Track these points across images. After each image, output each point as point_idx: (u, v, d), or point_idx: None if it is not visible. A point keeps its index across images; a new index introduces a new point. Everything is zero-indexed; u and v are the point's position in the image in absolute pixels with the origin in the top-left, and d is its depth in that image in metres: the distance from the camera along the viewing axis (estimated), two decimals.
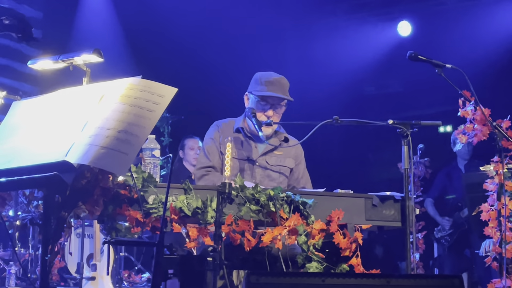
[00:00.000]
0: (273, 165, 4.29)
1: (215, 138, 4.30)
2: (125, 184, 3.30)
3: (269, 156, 4.30)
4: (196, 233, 3.49)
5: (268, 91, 4.23)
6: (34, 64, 4.08)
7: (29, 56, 7.65)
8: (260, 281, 2.75)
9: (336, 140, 8.99)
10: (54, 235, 3.00)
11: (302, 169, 4.42)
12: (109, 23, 9.01)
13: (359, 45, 9.37)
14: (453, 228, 7.48)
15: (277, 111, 4.27)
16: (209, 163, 4.24)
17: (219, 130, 4.32)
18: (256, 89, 4.28)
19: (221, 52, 8.93)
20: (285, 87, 4.29)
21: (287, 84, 4.32)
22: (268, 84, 4.25)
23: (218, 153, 4.25)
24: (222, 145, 4.23)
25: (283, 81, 4.31)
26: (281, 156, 4.33)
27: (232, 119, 4.41)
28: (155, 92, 3.00)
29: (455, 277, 2.86)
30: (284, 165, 4.32)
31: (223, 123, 4.38)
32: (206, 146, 4.30)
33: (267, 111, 4.24)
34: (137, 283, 7.53)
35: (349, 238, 3.64)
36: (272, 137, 4.35)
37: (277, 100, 4.25)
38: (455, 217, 7.47)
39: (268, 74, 4.34)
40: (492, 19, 8.59)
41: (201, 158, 4.30)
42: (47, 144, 2.96)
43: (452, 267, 7.42)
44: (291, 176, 4.36)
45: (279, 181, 4.27)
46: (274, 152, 4.31)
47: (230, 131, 4.30)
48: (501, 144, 4.16)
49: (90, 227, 6.67)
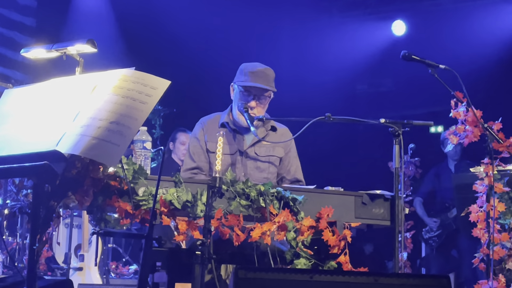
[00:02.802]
0: (262, 155, 4.27)
1: (199, 137, 4.28)
2: (116, 176, 3.30)
3: (258, 147, 4.28)
4: (185, 226, 3.49)
5: (252, 82, 4.21)
6: (27, 52, 4.07)
7: (22, 44, 7.63)
8: (248, 276, 2.75)
9: (328, 138, 8.99)
10: (43, 224, 2.99)
11: (292, 157, 4.38)
12: (103, 14, 8.98)
13: (353, 43, 9.37)
14: (441, 229, 7.49)
15: (261, 102, 4.24)
16: (194, 164, 4.23)
17: (203, 128, 4.30)
18: (240, 80, 4.26)
19: (214, 47, 8.92)
20: (269, 78, 4.25)
21: (273, 74, 4.28)
22: (252, 75, 4.23)
23: (203, 153, 4.24)
24: (208, 142, 4.23)
25: (267, 72, 4.27)
26: (270, 146, 4.30)
27: (218, 113, 4.38)
28: (148, 84, 2.99)
29: (442, 277, 2.87)
30: (273, 155, 4.30)
31: (208, 120, 4.36)
32: (191, 146, 4.29)
33: (250, 102, 4.21)
34: (125, 275, 7.52)
35: (338, 235, 3.65)
36: (259, 127, 4.31)
37: (260, 91, 4.22)
38: (442, 217, 7.49)
39: (253, 64, 4.31)
40: (486, 21, 8.60)
41: (187, 159, 4.29)
42: (38, 133, 2.95)
43: (439, 267, 7.44)
44: (281, 165, 4.34)
45: (269, 172, 4.25)
46: (262, 142, 4.29)
47: (215, 127, 4.28)
48: (491, 146, 4.17)
49: (79, 218, 6.65)
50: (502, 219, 4.24)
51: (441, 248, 7.52)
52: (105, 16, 8.97)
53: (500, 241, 4.15)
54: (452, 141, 4.35)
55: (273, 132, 4.34)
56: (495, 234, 4.12)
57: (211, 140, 4.21)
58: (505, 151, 4.18)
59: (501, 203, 4.19)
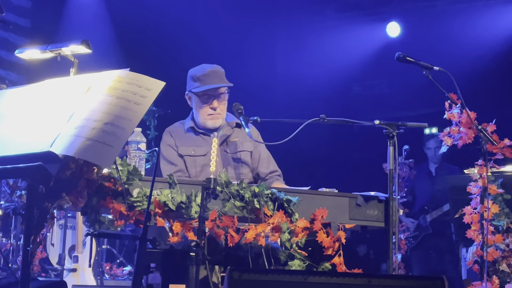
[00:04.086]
0: (232, 152, 4.32)
1: (171, 143, 4.34)
2: (110, 177, 3.30)
3: (226, 145, 4.34)
4: (180, 227, 3.49)
5: (206, 85, 4.27)
6: (22, 53, 4.07)
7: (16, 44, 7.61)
8: (242, 278, 2.75)
9: (322, 139, 8.99)
10: (37, 225, 2.98)
11: (262, 150, 4.44)
12: (98, 15, 8.96)
13: (348, 44, 9.36)
14: (418, 231, 7.46)
15: (221, 100, 4.31)
16: (176, 168, 4.26)
17: (171, 135, 4.38)
18: (194, 87, 4.32)
19: (209, 48, 8.90)
20: (220, 75, 4.33)
21: (222, 71, 4.36)
22: (203, 78, 4.29)
23: (178, 157, 4.28)
24: (180, 147, 4.30)
25: (216, 69, 4.35)
26: (238, 142, 4.36)
27: (180, 122, 4.47)
28: (142, 85, 2.99)
29: (437, 278, 2.87)
30: (243, 150, 4.36)
31: (173, 128, 4.44)
32: (165, 153, 4.33)
33: (212, 103, 4.27)
34: (119, 276, 7.51)
35: (332, 237, 3.65)
36: (224, 127, 4.38)
37: (217, 90, 4.28)
38: (420, 220, 7.46)
39: (201, 68, 4.39)
40: (481, 23, 8.61)
41: (165, 167, 4.30)
42: (32, 134, 2.94)
43: (419, 269, 7.40)
44: (252, 159, 4.38)
45: (243, 167, 4.31)
46: (230, 139, 4.36)
47: (181, 133, 4.36)
48: (485, 148, 4.18)
49: (73, 219, 6.63)
50: (496, 221, 4.25)
51: (416, 250, 7.48)
52: (100, 17, 8.95)
53: (494, 243, 4.16)
54: (446, 143, 4.35)
55: (238, 129, 4.40)
56: (489, 236, 4.13)
57: (181, 145, 4.30)
58: (499, 153, 4.19)
59: (495, 204, 4.20)
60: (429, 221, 7.37)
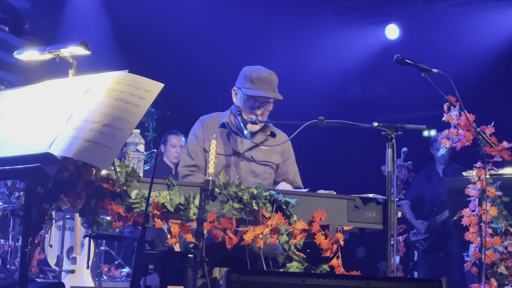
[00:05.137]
0: (259, 160, 4.26)
1: (199, 135, 4.26)
2: (108, 178, 3.29)
3: (255, 151, 4.26)
4: (178, 229, 3.49)
5: (257, 90, 4.18)
6: (20, 54, 4.06)
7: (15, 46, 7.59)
8: (241, 280, 2.75)
9: (321, 141, 9.00)
10: (35, 227, 2.98)
11: (290, 165, 4.37)
12: (97, 16, 8.97)
13: (346, 46, 9.37)
14: (428, 233, 7.48)
15: (266, 109, 4.24)
16: (192, 162, 4.21)
17: (203, 127, 4.28)
18: (245, 86, 4.23)
19: (208, 50, 8.91)
20: (274, 85, 4.24)
21: (276, 80, 4.27)
22: (257, 82, 4.20)
23: (201, 151, 4.23)
24: (206, 141, 4.22)
25: (272, 78, 4.25)
26: (267, 151, 4.29)
27: (219, 113, 4.36)
28: (141, 87, 2.99)
29: (434, 281, 2.87)
30: (270, 161, 4.29)
31: (208, 118, 4.34)
32: (190, 144, 4.27)
33: (256, 110, 4.21)
34: (117, 278, 7.50)
35: (331, 239, 3.65)
36: (259, 132, 4.31)
37: (266, 99, 4.22)
38: (430, 221, 7.47)
39: (257, 70, 4.28)
40: (480, 25, 8.62)
41: (185, 156, 4.27)
42: (31, 135, 2.94)
43: (428, 271, 7.43)
44: (278, 171, 4.33)
45: (264, 178, 4.25)
46: (260, 147, 4.28)
47: (215, 127, 4.27)
48: (484, 150, 4.18)
49: (71, 220, 6.63)
50: (494, 223, 4.25)
51: (428, 252, 7.50)
52: (99, 19, 8.95)
53: (492, 245, 4.16)
54: (444, 145, 4.36)
55: (272, 138, 4.34)
56: (487, 238, 4.13)
57: (209, 140, 4.19)
58: (498, 155, 4.19)
59: (493, 207, 4.20)
60: (439, 222, 7.38)
